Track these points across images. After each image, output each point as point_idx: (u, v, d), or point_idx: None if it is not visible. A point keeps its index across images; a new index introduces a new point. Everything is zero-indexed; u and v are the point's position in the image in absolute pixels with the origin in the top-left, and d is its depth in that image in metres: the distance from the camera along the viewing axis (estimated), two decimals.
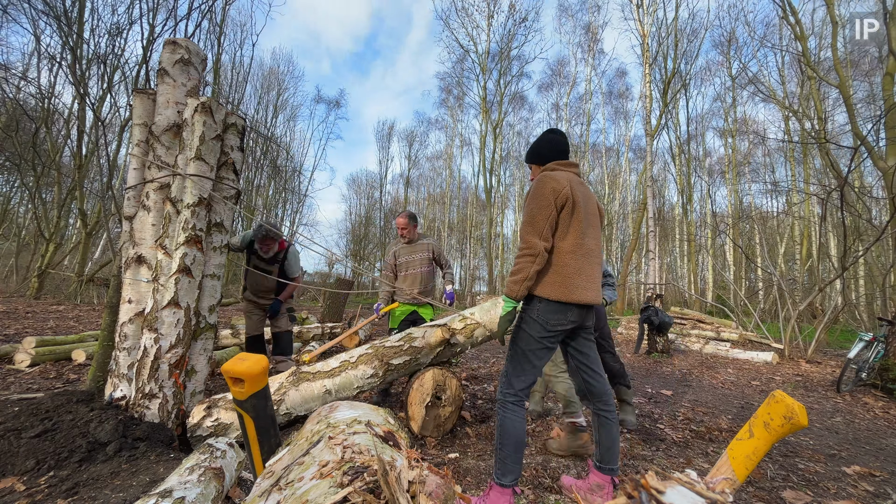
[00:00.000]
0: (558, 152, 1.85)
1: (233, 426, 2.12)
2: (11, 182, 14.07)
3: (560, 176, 1.69)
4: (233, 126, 2.54)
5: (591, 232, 1.75)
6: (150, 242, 2.34)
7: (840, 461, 2.54)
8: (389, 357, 2.53)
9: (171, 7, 5.95)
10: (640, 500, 0.70)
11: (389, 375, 2.54)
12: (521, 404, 1.69)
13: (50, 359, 3.63)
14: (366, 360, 2.49)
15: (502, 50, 21.60)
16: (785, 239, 15.89)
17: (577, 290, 1.65)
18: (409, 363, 2.57)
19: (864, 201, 10.81)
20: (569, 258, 1.66)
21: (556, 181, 1.66)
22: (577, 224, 1.68)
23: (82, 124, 9.06)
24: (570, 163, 1.83)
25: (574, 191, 1.67)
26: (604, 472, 1.79)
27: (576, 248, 1.67)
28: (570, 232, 1.67)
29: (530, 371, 1.69)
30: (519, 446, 1.64)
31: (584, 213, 1.71)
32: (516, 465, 1.64)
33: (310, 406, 2.33)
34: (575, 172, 1.81)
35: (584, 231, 1.70)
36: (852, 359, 4.65)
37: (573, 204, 1.66)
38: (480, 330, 2.72)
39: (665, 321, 6.53)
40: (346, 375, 2.43)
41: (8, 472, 1.62)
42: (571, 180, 1.70)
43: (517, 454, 1.64)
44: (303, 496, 0.77)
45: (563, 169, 1.80)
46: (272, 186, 20.94)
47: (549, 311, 1.66)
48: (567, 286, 1.64)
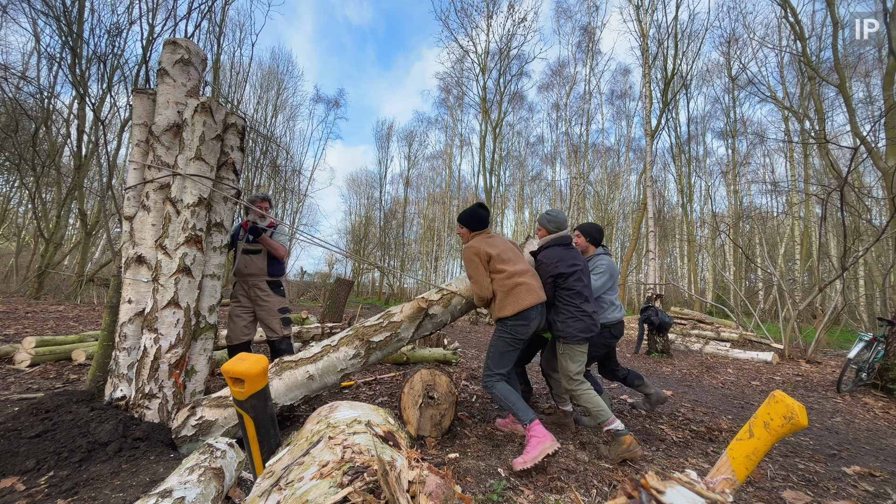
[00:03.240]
0: (481, 223, 2.57)
1: (217, 423, 2.06)
2: (11, 182, 14.07)
3: (477, 243, 2.42)
4: (233, 126, 2.54)
5: (513, 257, 2.42)
6: (150, 242, 2.34)
7: (840, 461, 2.54)
8: (370, 335, 2.50)
9: (170, 7, 5.95)
10: (640, 500, 0.70)
11: (372, 355, 2.52)
12: (502, 379, 2.29)
13: (50, 359, 3.63)
14: (347, 341, 2.48)
15: (502, 50, 21.60)
16: (785, 239, 15.89)
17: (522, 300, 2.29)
18: (389, 339, 2.54)
19: (864, 201, 10.81)
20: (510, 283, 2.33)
21: (475, 248, 2.39)
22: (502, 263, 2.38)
23: (82, 124, 9.06)
24: (483, 232, 2.56)
25: (488, 249, 2.38)
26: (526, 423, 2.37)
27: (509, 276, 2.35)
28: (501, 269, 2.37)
29: (509, 362, 2.33)
30: (517, 397, 2.22)
31: (501, 253, 2.40)
32: (526, 407, 2.18)
33: (295, 394, 2.32)
34: (487, 235, 2.53)
35: (509, 261, 2.38)
36: (852, 359, 4.65)
37: (489, 256, 2.39)
38: (458, 299, 2.70)
39: (665, 321, 6.54)
40: (329, 359, 2.41)
41: (8, 472, 1.62)
42: (485, 242, 2.43)
43: (520, 401, 2.20)
44: (303, 496, 0.77)
45: (479, 235, 2.54)
46: (272, 186, 20.93)
47: (516, 324, 2.27)
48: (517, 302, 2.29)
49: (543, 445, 2.03)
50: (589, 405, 2.35)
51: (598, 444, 2.55)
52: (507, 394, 2.22)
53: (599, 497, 1.84)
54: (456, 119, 27.92)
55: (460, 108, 27.17)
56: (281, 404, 2.29)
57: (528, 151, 27.68)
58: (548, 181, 26.65)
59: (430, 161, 31.51)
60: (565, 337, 2.40)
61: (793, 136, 15.95)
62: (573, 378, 2.42)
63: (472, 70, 23.46)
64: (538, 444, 2.03)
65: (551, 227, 2.61)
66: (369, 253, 28.34)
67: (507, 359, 2.31)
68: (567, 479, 2.01)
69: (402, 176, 30.62)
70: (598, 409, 2.33)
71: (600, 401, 2.36)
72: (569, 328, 2.38)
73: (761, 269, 11.40)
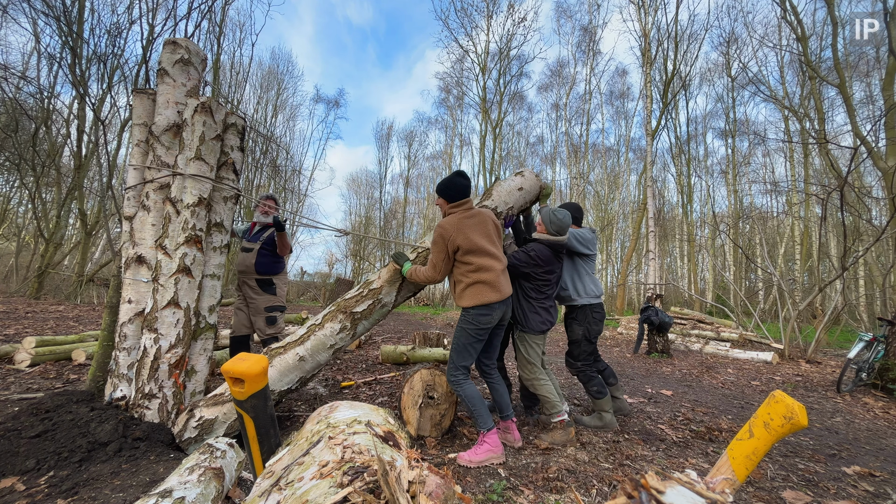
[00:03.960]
0: (460, 193, 2.35)
1: (218, 420, 2.10)
2: (11, 182, 14.07)
3: (451, 226, 2.23)
4: (233, 126, 2.54)
5: (485, 245, 2.27)
6: (150, 242, 2.34)
7: (840, 461, 2.54)
8: (352, 307, 2.48)
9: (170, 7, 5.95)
10: (640, 500, 0.70)
11: (359, 325, 2.51)
12: (467, 376, 2.31)
13: (50, 359, 3.63)
14: (330, 317, 2.47)
15: (501, 50, 21.59)
16: (785, 239, 15.89)
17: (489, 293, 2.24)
18: (373, 307, 2.52)
19: (864, 201, 10.81)
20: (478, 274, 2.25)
21: (447, 233, 2.21)
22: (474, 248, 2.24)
23: (82, 124, 9.06)
24: (463, 204, 2.34)
25: (459, 239, 2.21)
26: (505, 419, 2.45)
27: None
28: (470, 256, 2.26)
29: (472, 355, 2.30)
30: (481, 401, 2.24)
31: (473, 243, 2.24)
32: (487, 413, 2.23)
33: (290, 378, 2.33)
34: (467, 211, 2.31)
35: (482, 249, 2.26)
36: (852, 359, 4.65)
37: (458, 247, 2.23)
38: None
39: (665, 321, 6.53)
40: (316, 337, 2.40)
41: (8, 472, 1.62)
42: (461, 224, 2.24)
43: (482, 406, 2.23)
44: (303, 496, 0.77)
45: (459, 210, 2.33)
46: (272, 186, 20.92)
47: (479, 313, 2.23)
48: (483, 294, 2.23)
49: (492, 455, 2.16)
50: (544, 393, 2.56)
51: (598, 444, 2.55)
52: (472, 397, 2.22)
53: (599, 497, 1.84)
54: (456, 119, 27.93)
55: (460, 108, 27.17)
56: (278, 390, 2.31)
57: (528, 151, 27.68)
58: (548, 181, 26.66)
59: (430, 161, 31.52)
60: (525, 327, 2.62)
61: (793, 136, 15.95)
62: (538, 367, 2.63)
63: (472, 70, 23.46)
64: (487, 452, 2.16)
65: (552, 228, 2.56)
66: (369, 253, 28.34)
67: (470, 351, 2.27)
68: (567, 479, 2.01)
69: (402, 176, 30.63)
70: (554, 399, 2.54)
71: (555, 393, 2.58)
72: (529, 321, 2.60)
73: (761, 269, 11.41)
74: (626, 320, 10.79)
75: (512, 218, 2.89)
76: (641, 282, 18.24)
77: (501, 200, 2.78)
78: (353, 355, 5.31)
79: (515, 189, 2.84)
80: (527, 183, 2.88)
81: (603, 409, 2.84)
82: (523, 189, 2.85)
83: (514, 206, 2.83)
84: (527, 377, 2.62)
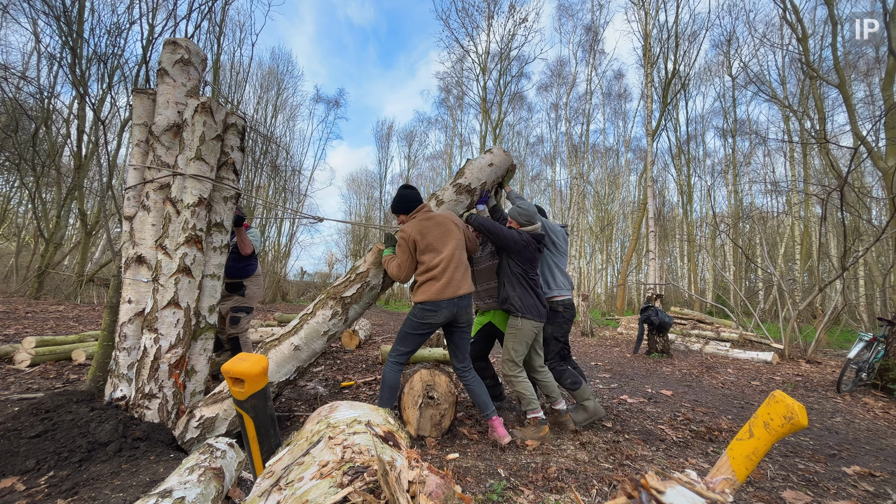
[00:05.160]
0: (412, 203, 2.51)
1: (219, 417, 2.12)
2: (11, 182, 14.06)
3: (410, 228, 2.38)
4: (233, 126, 2.54)
5: (440, 246, 2.38)
6: (150, 242, 2.34)
7: (840, 461, 2.54)
8: (341, 292, 2.52)
9: (170, 7, 5.95)
10: (640, 500, 0.70)
11: (350, 310, 2.54)
12: (401, 364, 2.39)
13: (50, 359, 3.63)
14: (321, 304, 2.50)
15: (502, 50, 21.58)
16: (785, 239, 15.88)
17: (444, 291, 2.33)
18: (362, 290, 2.55)
19: (864, 201, 10.81)
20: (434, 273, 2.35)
21: (407, 234, 2.36)
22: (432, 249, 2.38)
23: (82, 124, 9.06)
24: (420, 211, 2.50)
25: (417, 237, 2.36)
26: (486, 418, 2.48)
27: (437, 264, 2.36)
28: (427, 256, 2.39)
29: (410, 345, 2.41)
30: (390, 389, 2.34)
31: (430, 242, 2.38)
32: (390, 401, 2.32)
33: (287, 368, 2.35)
34: (425, 215, 2.45)
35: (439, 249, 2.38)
36: (852, 359, 4.65)
37: (416, 245, 2.38)
38: None
39: (665, 321, 6.54)
40: (309, 325, 2.43)
41: (8, 472, 1.62)
42: (420, 225, 2.39)
43: (392, 394, 2.34)
44: (303, 496, 0.77)
45: (417, 216, 2.46)
46: (272, 186, 20.92)
47: (424, 308, 2.34)
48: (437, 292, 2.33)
49: None
50: (522, 390, 2.59)
51: (598, 444, 2.55)
52: (388, 379, 2.33)
53: (599, 497, 1.84)
54: (456, 119, 27.90)
55: (460, 109, 27.15)
56: (277, 381, 2.32)
57: (528, 151, 27.67)
58: (548, 181, 26.64)
59: (430, 161, 31.51)
60: (522, 312, 2.62)
61: (793, 135, 15.95)
62: (517, 364, 2.65)
63: (472, 70, 23.43)
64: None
65: (522, 219, 2.67)
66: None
67: (408, 341, 2.38)
68: (567, 479, 2.01)
69: (403, 176, 30.60)
70: (532, 396, 2.58)
71: (532, 391, 2.61)
72: (525, 305, 2.61)
73: (761, 269, 11.41)
74: (626, 320, 10.79)
75: (486, 195, 2.97)
76: (641, 282, 18.24)
77: (474, 177, 2.90)
78: (353, 355, 5.31)
79: (486, 165, 2.96)
80: (496, 158, 3.01)
81: (583, 399, 2.86)
82: (493, 164, 2.99)
83: (487, 182, 2.95)
84: (507, 373, 2.64)
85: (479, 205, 2.97)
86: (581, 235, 19.99)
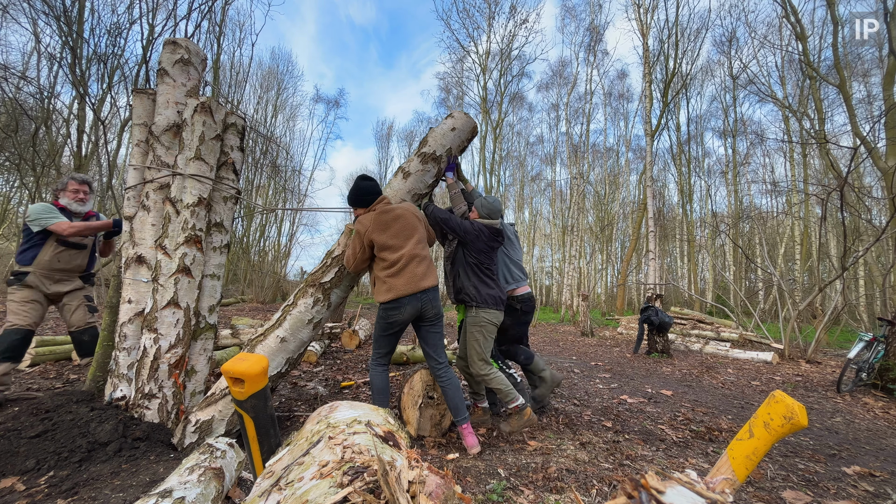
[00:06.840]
0: (371, 195, 2.41)
1: (215, 419, 2.11)
2: (11, 182, 14.06)
3: (368, 221, 2.31)
4: (232, 126, 2.54)
5: (402, 242, 2.33)
6: (150, 242, 2.34)
7: (840, 461, 2.54)
8: (319, 278, 2.51)
9: (170, 7, 5.95)
10: (640, 500, 0.70)
11: (333, 295, 2.53)
12: (383, 365, 2.40)
13: (50, 359, 3.63)
14: (301, 293, 2.49)
15: (503, 50, 21.59)
16: (785, 239, 15.89)
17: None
18: (340, 274, 2.54)
19: (864, 201, 10.80)
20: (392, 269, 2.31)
21: (364, 227, 2.29)
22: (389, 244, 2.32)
23: (82, 124, 9.05)
24: (380, 203, 2.40)
25: (375, 234, 2.29)
26: (460, 423, 2.37)
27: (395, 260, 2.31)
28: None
29: (385, 346, 2.40)
30: (380, 392, 2.34)
31: (389, 238, 2.32)
32: (382, 403, 2.30)
33: (277, 361, 2.35)
34: (384, 208, 2.36)
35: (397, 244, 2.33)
36: (852, 359, 4.65)
37: (373, 243, 2.31)
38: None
39: (665, 321, 6.54)
40: (293, 316, 2.43)
41: (8, 472, 1.62)
42: (378, 220, 2.31)
43: (383, 396, 2.34)
44: (303, 496, 0.77)
45: (377, 208, 2.37)
46: (272, 186, 20.93)
47: (387, 308, 2.31)
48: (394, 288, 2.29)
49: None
50: (497, 386, 2.52)
51: (598, 444, 2.55)
52: (375, 382, 2.35)
53: (599, 497, 1.84)
54: None
55: (460, 109, 27.17)
56: (268, 375, 2.32)
57: (528, 151, 27.67)
58: (548, 181, 26.65)
59: None
60: (478, 301, 2.57)
61: (793, 135, 15.95)
62: (488, 362, 2.60)
63: (472, 70, 23.45)
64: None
65: (483, 212, 2.68)
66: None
67: (384, 342, 2.39)
68: (567, 479, 2.01)
69: None
70: (508, 388, 2.52)
71: (508, 383, 2.56)
72: (481, 294, 2.57)
73: (761, 269, 11.41)
74: (626, 320, 10.80)
75: (453, 162, 2.94)
76: (641, 282, 18.24)
77: (438, 144, 2.87)
78: (353, 355, 5.31)
79: (448, 130, 2.92)
80: (458, 122, 2.98)
81: (538, 371, 2.92)
82: (456, 128, 2.95)
83: (452, 147, 2.92)
84: (479, 373, 2.54)
85: (447, 172, 2.92)
86: (581, 235, 19.98)
